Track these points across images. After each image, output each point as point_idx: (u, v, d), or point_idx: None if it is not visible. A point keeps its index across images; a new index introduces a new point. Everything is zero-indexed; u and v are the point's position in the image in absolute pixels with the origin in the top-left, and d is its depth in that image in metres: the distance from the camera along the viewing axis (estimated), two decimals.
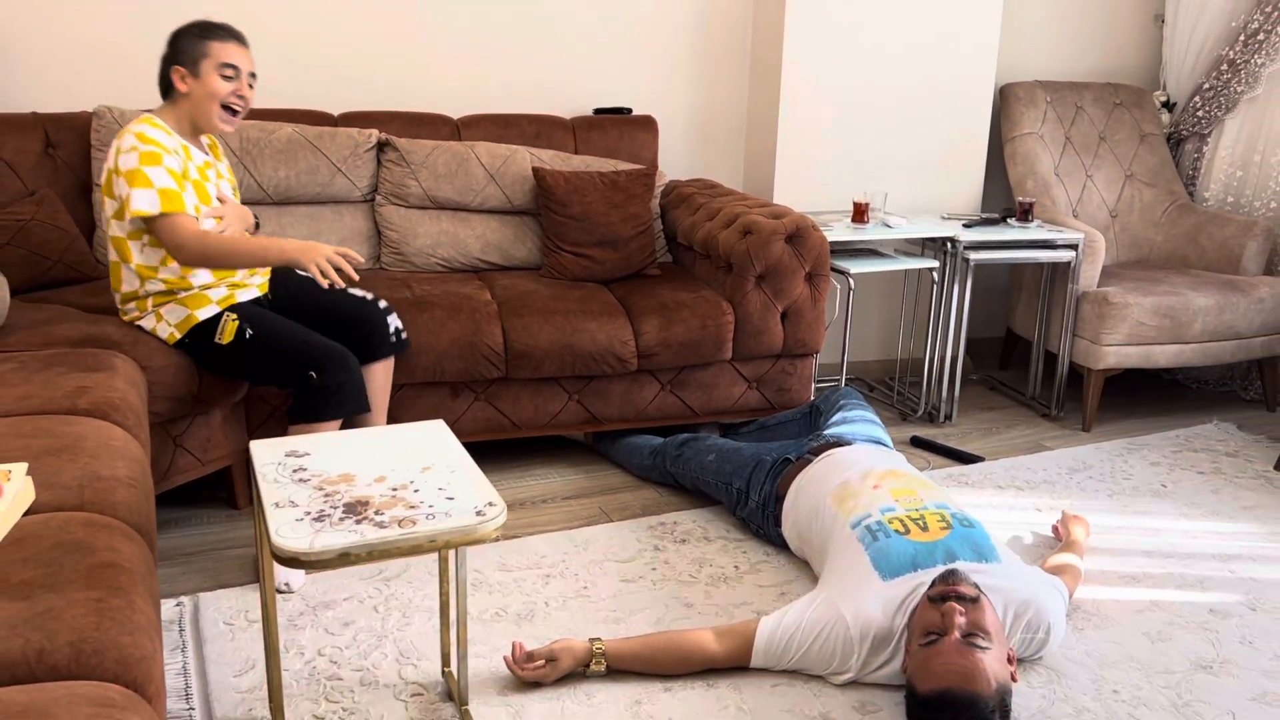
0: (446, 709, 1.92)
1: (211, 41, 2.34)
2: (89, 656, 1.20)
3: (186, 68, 2.34)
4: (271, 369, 2.36)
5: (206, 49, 2.33)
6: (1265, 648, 2.20)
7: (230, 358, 2.37)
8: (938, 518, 2.19)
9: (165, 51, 2.38)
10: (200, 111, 2.37)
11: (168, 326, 2.37)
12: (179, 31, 2.36)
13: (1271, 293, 3.53)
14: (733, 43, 3.70)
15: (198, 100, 2.36)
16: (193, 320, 2.37)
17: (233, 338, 2.35)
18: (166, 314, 2.38)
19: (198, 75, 2.34)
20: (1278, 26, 3.71)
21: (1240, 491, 3.01)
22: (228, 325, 2.36)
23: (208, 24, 2.36)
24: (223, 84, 2.35)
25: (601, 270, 3.18)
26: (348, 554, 1.43)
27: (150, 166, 2.26)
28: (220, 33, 2.36)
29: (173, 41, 2.36)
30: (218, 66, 2.34)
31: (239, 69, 2.36)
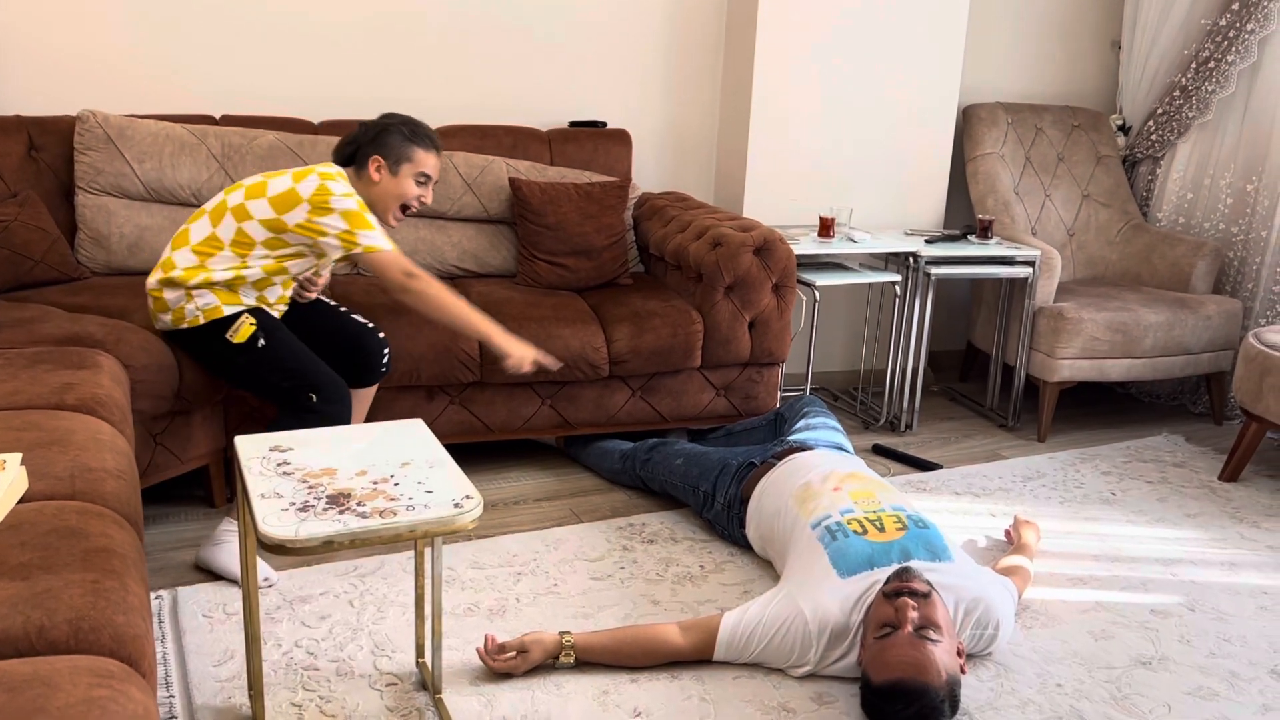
0: (420, 698, 1.99)
1: (419, 149, 2.43)
2: (86, 633, 1.26)
3: (387, 163, 2.42)
4: (271, 381, 2.42)
5: (412, 154, 2.43)
6: (1202, 646, 2.32)
7: (235, 359, 2.43)
8: (894, 519, 2.29)
9: (369, 134, 2.44)
10: (380, 204, 2.46)
11: (195, 309, 2.41)
12: (390, 124, 2.43)
13: (1219, 310, 3.68)
14: (705, 60, 3.81)
15: (383, 194, 2.45)
16: (218, 312, 2.41)
17: (245, 340, 2.41)
18: (198, 297, 2.41)
19: (395, 174, 2.43)
20: (1227, 55, 3.87)
21: (1185, 500, 3.14)
22: (244, 326, 2.41)
23: (419, 129, 2.45)
24: (414, 188, 2.45)
25: (575, 279, 3.26)
26: (331, 542, 1.51)
27: (367, 213, 2.36)
28: (427, 142, 2.45)
29: (380, 131, 2.43)
30: (416, 174, 2.44)
31: (431, 177, 2.47)
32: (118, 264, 2.99)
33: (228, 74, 3.28)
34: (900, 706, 1.87)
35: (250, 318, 2.42)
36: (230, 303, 2.42)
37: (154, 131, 3.02)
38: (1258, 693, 2.15)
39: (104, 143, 2.96)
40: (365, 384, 2.66)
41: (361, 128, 2.46)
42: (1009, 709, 2.04)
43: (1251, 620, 2.44)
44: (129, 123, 3.01)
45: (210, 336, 2.43)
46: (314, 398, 2.38)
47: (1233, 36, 3.83)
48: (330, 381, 2.41)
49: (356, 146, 2.46)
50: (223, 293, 2.42)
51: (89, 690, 1.12)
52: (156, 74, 3.22)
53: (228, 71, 3.28)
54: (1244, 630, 2.39)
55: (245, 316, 2.42)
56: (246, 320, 2.42)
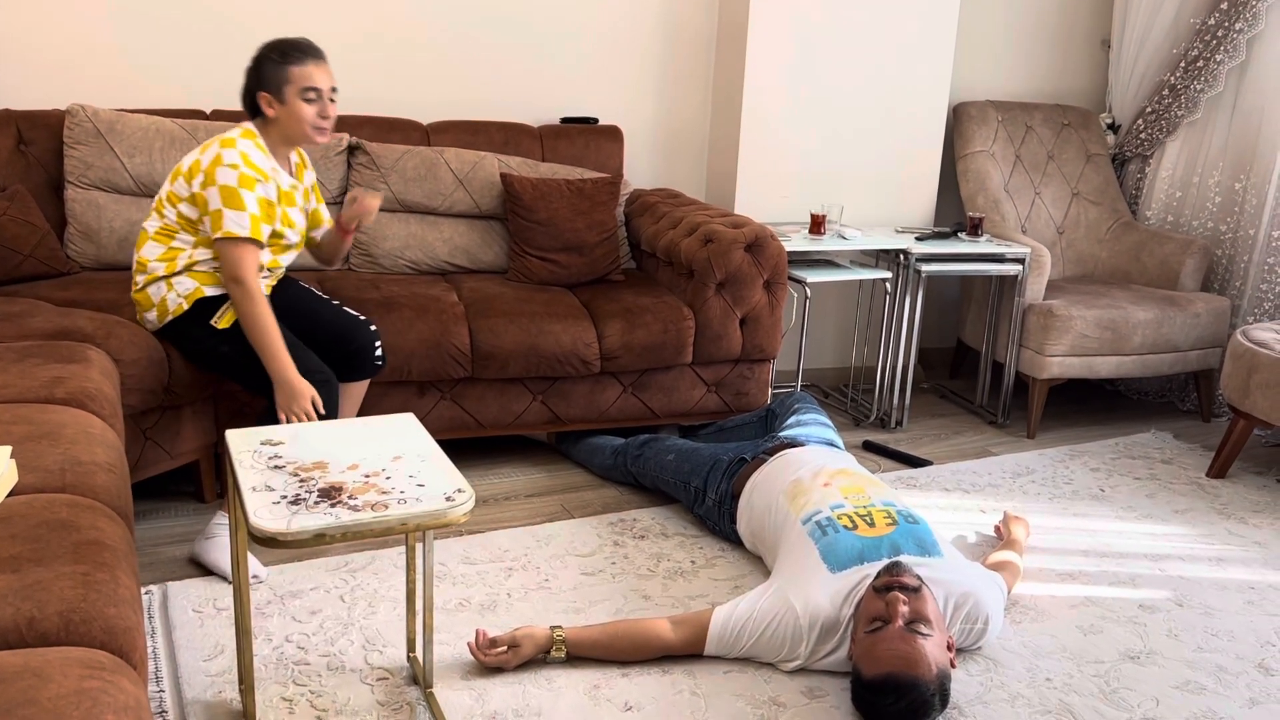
0: (412, 692, 1.99)
1: (291, 67, 2.38)
2: (77, 625, 1.26)
3: (271, 94, 2.39)
4: (256, 370, 2.40)
5: (288, 74, 2.38)
6: (1189, 640, 2.33)
7: (219, 347, 2.42)
8: (884, 514, 2.30)
9: (249, 73, 2.41)
10: (291, 132, 2.43)
11: (177, 297, 2.41)
12: (260, 57, 2.40)
13: (1207, 308, 3.70)
14: (697, 57, 3.81)
15: (286, 124, 2.41)
16: (200, 293, 2.41)
17: (229, 325, 2.40)
18: (177, 284, 2.41)
19: (283, 101, 2.39)
20: (1215, 54, 3.89)
21: (1173, 496, 3.16)
22: (229, 311, 2.41)
23: (285, 46, 2.40)
24: (307, 108, 2.40)
25: (567, 275, 3.26)
26: (323, 534, 1.50)
27: (246, 190, 2.32)
28: (298, 55, 2.39)
29: (256, 66, 2.40)
30: (300, 92, 2.39)
31: (320, 90, 2.41)
32: (108, 258, 2.98)
33: (219, 68, 3.27)
34: (891, 700, 1.88)
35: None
36: (212, 284, 2.42)
37: (144, 126, 3.01)
38: (1245, 687, 2.16)
39: (94, 137, 2.95)
40: (357, 378, 2.65)
41: (246, 71, 2.44)
42: (998, 703, 2.05)
43: (1239, 615, 2.46)
44: (119, 117, 3.00)
45: (196, 323, 2.42)
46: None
47: (1221, 36, 3.85)
48: (318, 370, 2.39)
49: (249, 95, 2.43)
50: (203, 274, 2.41)
51: (80, 681, 1.12)
52: (147, 68, 3.21)
53: (219, 66, 3.27)
54: (1231, 625, 2.41)
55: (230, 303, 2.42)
56: (231, 306, 2.41)
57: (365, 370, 2.64)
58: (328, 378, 2.41)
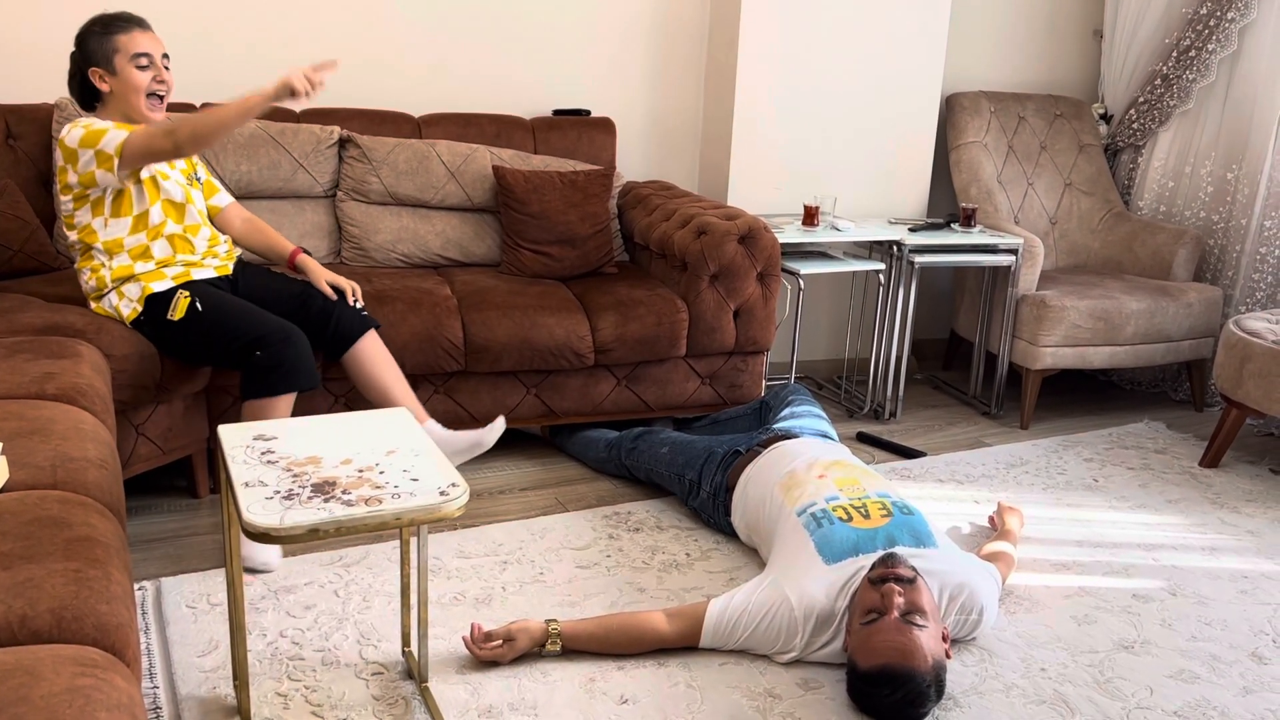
0: (407, 686, 1.99)
1: (117, 36, 2.35)
2: (69, 622, 1.25)
3: (102, 68, 2.37)
4: (218, 346, 2.39)
5: (115, 44, 2.35)
6: (1183, 629, 2.34)
7: (182, 335, 2.42)
8: (879, 505, 2.30)
9: (75, 57, 2.40)
10: (128, 106, 2.41)
11: (130, 303, 2.42)
12: (82, 34, 2.38)
13: (1200, 298, 3.70)
14: (690, 49, 3.80)
15: (122, 96, 2.39)
16: (148, 291, 2.41)
17: (183, 314, 2.40)
18: (127, 291, 2.43)
19: (115, 72, 2.37)
20: (1207, 44, 3.89)
21: (1166, 486, 3.16)
22: (180, 301, 2.40)
23: (107, 19, 2.37)
24: (140, 75, 2.37)
25: (560, 268, 3.26)
26: (317, 530, 1.50)
27: (99, 131, 2.33)
28: (122, 24, 2.37)
29: (79, 45, 2.38)
30: (131, 59, 2.36)
31: (151, 55, 2.39)
32: None
33: (208, 62, 3.25)
34: (887, 692, 1.88)
35: (184, 292, 2.42)
36: (155, 279, 2.42)
37: None
38: (1238, 675, 2.17)
39: None
40: (352, 339, 2.58)
41: (71, 56, 2.42)
42: (993, 693, 2.05)
43: (1232, 604, 2.47)
44: None
45: (155, 321, 2.42)
46: (259, 353, 2.35)
47: (1213, 25, 3.85)
48: (270, 330, 2.36)
49: (78, 77, 2.42)
50: (146, 273, 2.42)
51: (72, 679, 1.11)
52: None
53: (208, 59, 3.25)
54: (1224, 614, 2.42)
55: (180, 293, 2.42)
56: (181, 295, 2.41)
57: (355, 328, 2.58)
58: (287, 329, 2.38)
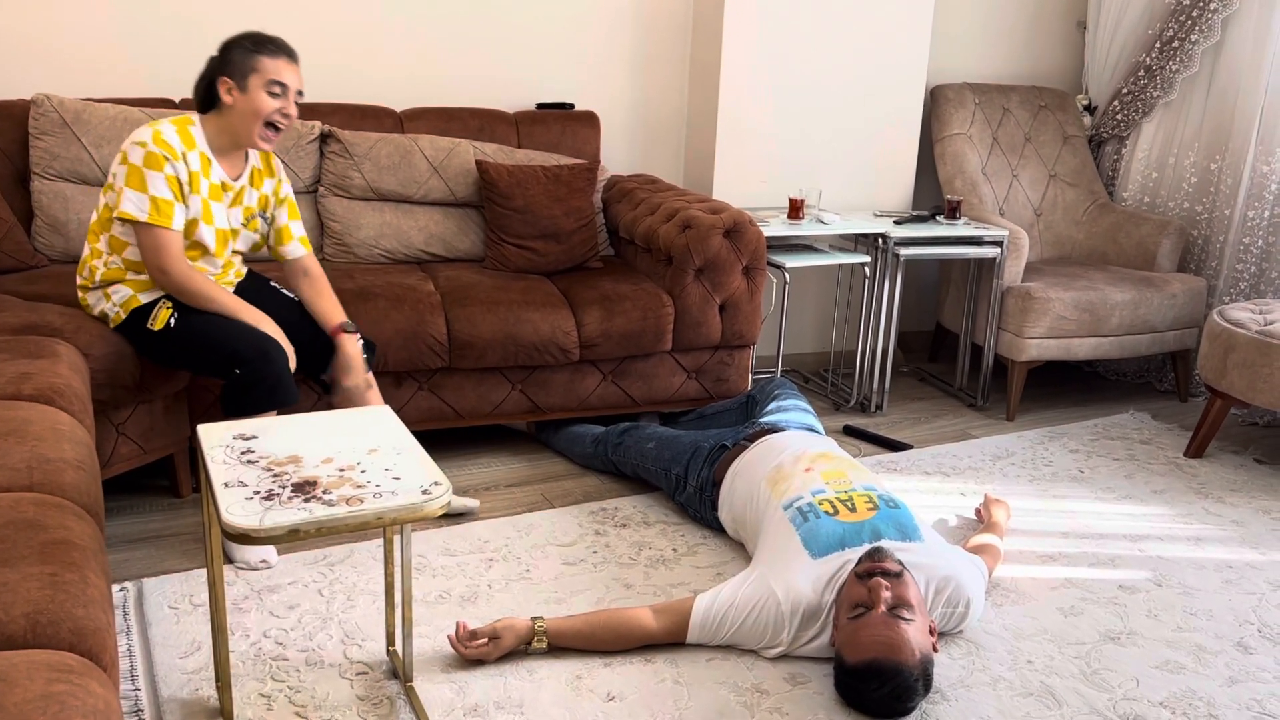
0: (392, 686, 1.97)
1: (263, 57, 2.32)
2: (44, 627, 1.23)
3: (234, 80, 2.32)
4: (197, 360, 2.37)
5: (257, 64, 2.32)
6: (1168, 620, 2.34)
7: (161, 345, 2.39)
8: (865, 499, 2.29)
9: (213, 60, 2.35)
10: (243, 126, 2.36)
11: (114, 307, 2.39)
12: (230, 42, 2.34)
13: (1184, 288, 3.71)
14: (673, 42, 3.78)
15: (241, 114, 2.34)
16: (135, 302, 2.38)
17: (162, 325, 2.37)
18: (113, 293, 2.39)
19: (245, 90, 2.32)
20: (1190, 35, 3.89)
21: (1152, 477, 3.17)
22: (160, 312, 2.37)
23: (260, 37, 2.34)
24: (269, 100, 2.34)
25: (544, 262, 3.24)
26: (297, 530, 1.48)
27: (153, 171, 2.26)
28: (272, 48, 2.34)
29: (223, 51, 2.34)
30: (266, 83, 2.33)
31: (287, 87, 2.36)
32: (76, 251, 2.93)
33: (186, 56, 3.22)
34: (875, 686, 1.88)
35: (167, 302, 2.38)
36: (145, 289, 2.38)
37: (111, 116, 2.95)
38: (1224, 665, 2.17)
39: (60, 127, 2.90)
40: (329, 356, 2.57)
41: (209, 59, 2.38)
42: (980, 686, 2.05)
43: (1217, 594, 2.47)
44: (85, 106, 2.94)
45: (136, 329, 2.39)
46: (238, 371, 2.31)
47: (1196, 16, 3.85)
48: (251, 347, 2.32)
49: (209, 79, 2.37)
50: (136, 281, 2.38)
51: (47, 685, 1.09)
52: (113, 57, 3.15)
53: (186, 54, 3.21)
54: (1210, 604, 2.42)
55: (162, 302, 2.38)
56: (163, 305, 2.38)
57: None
58: (265, 346, 2.34)
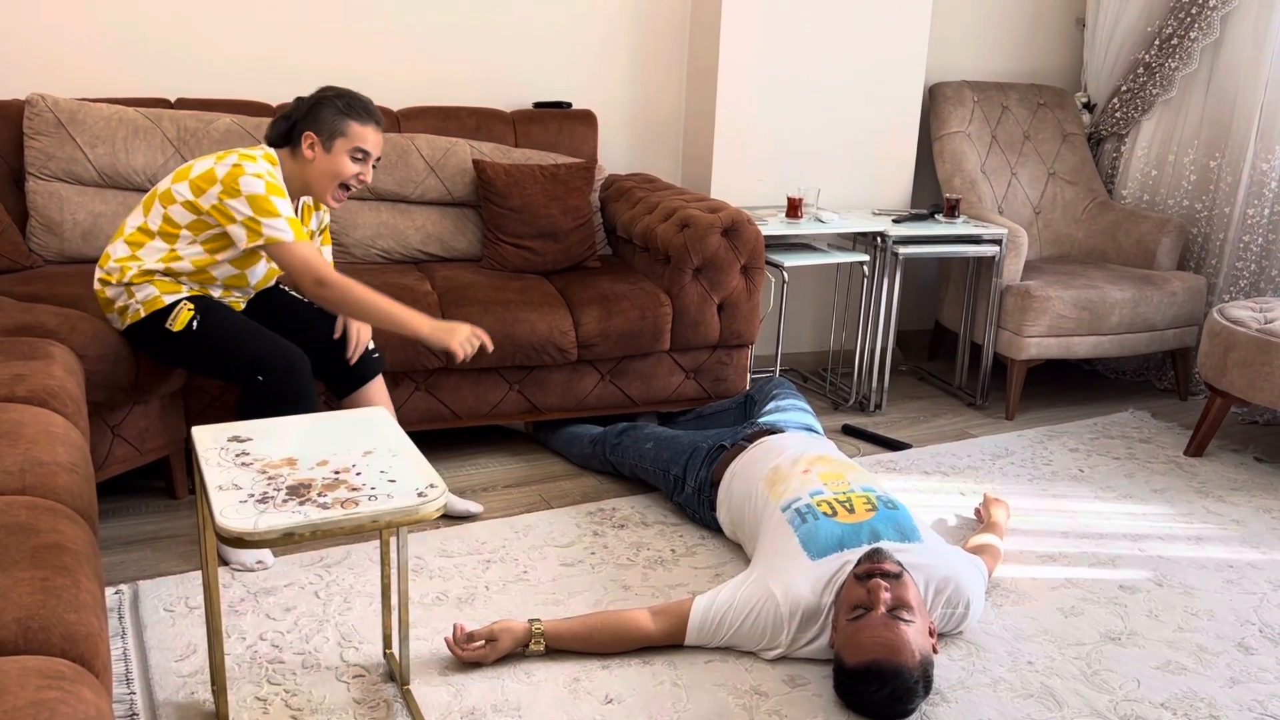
0: (388, 689, 1.96)
1: (354, 122, 2.32)
2: (36, 633, 1.22)
3: (320, 138, 2.32)
4: (216, 365, 2.35)
5: (346, 128, 2.31)
6: (1169, 620, 2.33)
7: (179, 347, 2.37)
8: (864, 500, 2.28)
9: (303, 108, 2.34)
10: (316, 183, 2.35)
11: (136, 304, 2.36)
12: (323, 97, 2.33)
13: (1183, 286, 3.70)
14: (671, 40, 3.77)
15: (319, 172, 2.34)
16: (158, 303, 2.35)
17: (183, 327, 2.35)
18: (137, 291, 2.36)
19: (329, 150, 2.32)
20: (1190, 32, 3.88)
21: (1152, 476, 3.16)
22: (181, 313, 2.35)
23: (354, 100, 2.34)
24: (351, 165, 2.34)
25: (542, 262, 3.22)
26: (292, 534, 1.47)
27: (277, 197, 2.27)
28: (364, 115, 2.33)
29: (313, 105, 2.33)
30: (351, 149, 2.32)
31: (369, 154, 2.35)
32: (71, 251, 2.92)
33: (183, 56, 3.20)
34: (875, 688, 1.87)
35: (189, 304, 2.36)
36: (170, 291, 2.36)
37: (107, 115, 2.94)
38: (1225, 666, 2.16)
39: (55, 127, 2.88)
40: (363, 381, 2.56)
41: (296, 103, 2.37)
42: (980, 687, 2.04)
43: (1218, 594, 2.46)
44: (80, 106, 2.93)
45: (154, 330, 2.37)
46: (261, 379, 2.31)
47: (1195, 13, 3.84)
48: (276, 356, 2.32)
49: (292, 123, 2.36)
50: (162, 283, 2.36)
51: (38, 692, 1.08)
52: (109, 56, 3.13)
53: (182, 53, 3.20)
54: (1211, 604, 2.41)
55: (184, 303, 2.36)
56: (184, 307, 2.36)
57: (368, 370, 2.56)
58: (290, 356, 2.34)
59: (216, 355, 2.34)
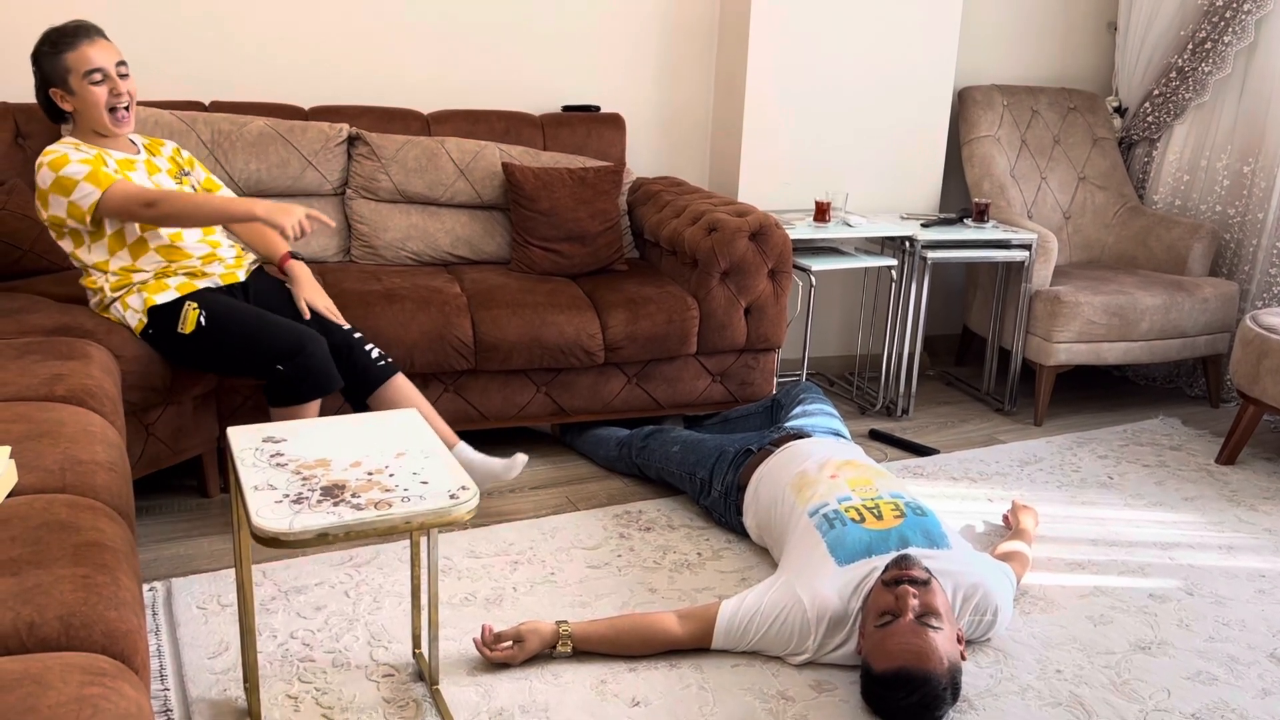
0: (418, 689, 1.98)
1: (66, 55, 2.31)
2: (78, 629, 1.24)
3: (60, 88, 2.34)
4: (234, 360, 2.38)
5: (65, 63, 2.31)
6: (1200, 630, 2.31)
7: (194, 349, 2.40)
8: (892, 506, 2.28)
9: (35, 78, 2.37)
10: (94, 122, 2.37)
11: (135, 315, 2.40)
12: (34, 55, 2.35)
13: (1215, 293, 3.66)
14: (699, 44, 3.77)
15: (85, 114, 2.36)
16: (151, 303, 2.39)
17: (193, 328, 2.38)
18: (131, 302, 2.41)
19: (74, 91, 2.33)
20: (1224, 36, 3.84)
21: (1182, 483, 3.13)
22: (189, 315, 2.37)
23: (55, 35, 2.33)
24: (97, 90, 2.33)
25: (569, 265, 3.24)
26: (326, 534, 1.49)
27: (65, 165, 2.29)
28: (68, 41, 2.32)
29: (35, 65, 2.35)
30: (84, 76, 2.32)
31: (104, 69, 2.33)
32: None
33: (216, 59, 3.24)
34: (903, 695, 1.86)
35: (193, 304, 2.39)
36: (158, 290, 2.39)
37: (142, 118, 2.98)
38: (1257, 677, 2.14)
39: None
40: (370, 389, 2.54)
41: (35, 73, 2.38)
42: (1009, 695, 2.03)
43: (1250, 604, 2.44)
44: None
45: (168, 335, 2.40)
46: (281, 368, 2.33)
47: (1229, 17, 3.81)
48: (291, 341, 2.33)
49: (43, 95, 2.38)
50: (145, 284, 2.39)
51: (80, 688, 1.10)
52: (145, 60, 3.18)
53: (216, 56, 3.24)
54: (1242, 614, 2.39)
55: (188, 305, 2.39)
56: (190, 307, 2.38)
57: (371, 378, 2.54)
58: (301, 339, 2.35)
59: (232, 350, 2.37)
